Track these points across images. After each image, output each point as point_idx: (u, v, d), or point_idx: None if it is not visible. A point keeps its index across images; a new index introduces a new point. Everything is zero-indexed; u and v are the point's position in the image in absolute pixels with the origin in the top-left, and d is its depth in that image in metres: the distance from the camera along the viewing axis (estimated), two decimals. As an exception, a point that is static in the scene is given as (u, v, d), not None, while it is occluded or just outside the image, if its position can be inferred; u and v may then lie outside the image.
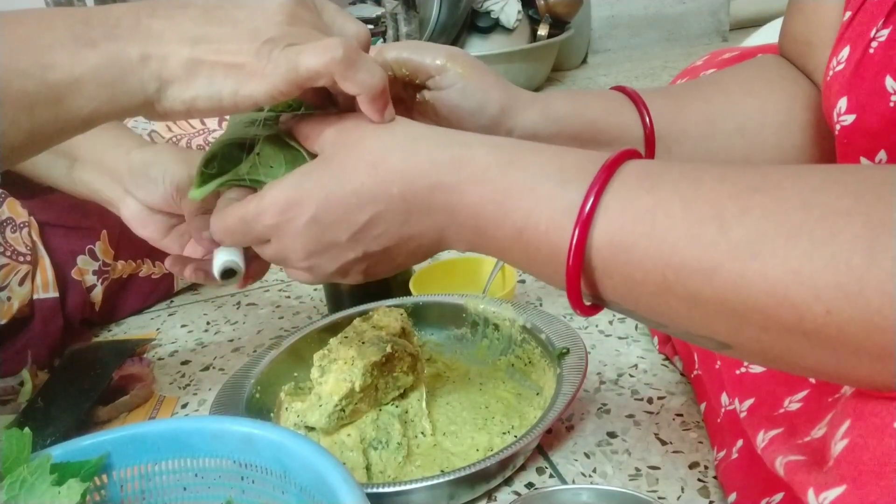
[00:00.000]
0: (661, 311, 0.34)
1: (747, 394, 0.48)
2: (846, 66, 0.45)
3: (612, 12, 2.31)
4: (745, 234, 0.30)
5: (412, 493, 0.49)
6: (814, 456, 0.33)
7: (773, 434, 0.40)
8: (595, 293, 0.36)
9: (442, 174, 0.39)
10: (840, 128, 0.45)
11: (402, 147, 0.40)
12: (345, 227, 0.41)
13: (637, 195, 0.34)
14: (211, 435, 0.43)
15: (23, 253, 0.74)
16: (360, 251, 0.42)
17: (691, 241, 0.31)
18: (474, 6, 1.90)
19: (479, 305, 0.68)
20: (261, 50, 0.39)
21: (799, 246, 0.28)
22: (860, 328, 0.27)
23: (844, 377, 0.31)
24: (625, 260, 0.34)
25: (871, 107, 0.43)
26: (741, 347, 0.33)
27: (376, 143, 0.40)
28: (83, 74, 0.39)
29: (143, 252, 0.89)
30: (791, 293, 0.28)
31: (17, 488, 0.38)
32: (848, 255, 0.27)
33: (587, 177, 0.35)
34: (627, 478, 0.53)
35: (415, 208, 0.40)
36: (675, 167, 0.35)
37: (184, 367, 0.76)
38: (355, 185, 0.40)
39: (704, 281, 0.31)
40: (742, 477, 0.46)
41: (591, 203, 0.34)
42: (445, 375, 0.67)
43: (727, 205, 0.31)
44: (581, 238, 0.34)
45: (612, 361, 0.68)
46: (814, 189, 0.29)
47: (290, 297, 0.90)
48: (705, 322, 0.33)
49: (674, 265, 0.32)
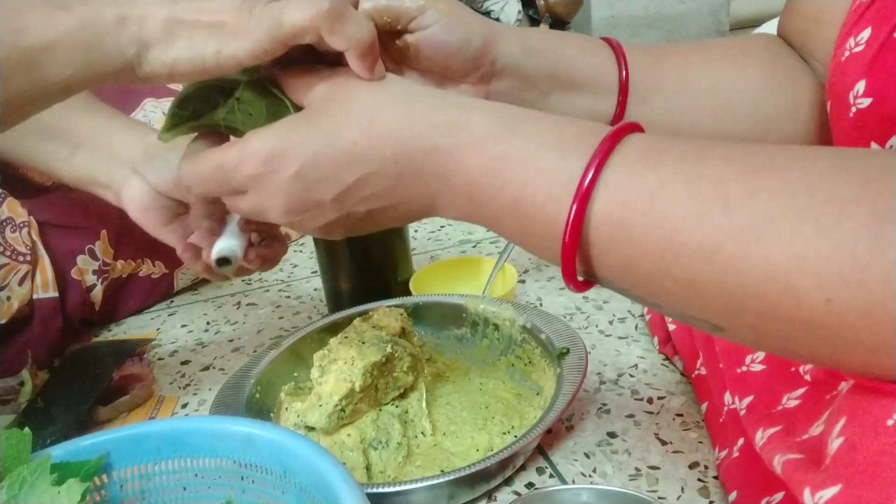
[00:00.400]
0: (656, 292, 0.34)
1: (747, 391, 0.48)
2: (866, 48, 0.44)
3: (612, 12, 2.32)
4: (750, 217, 0.29)
5: (412, 493, 0.49)
6: (811, 454, 0.33)
7: (772, 432, 0.40)
8: (589, 270, 0.35)
9: (437, 138, 0.37)
10: (856, 110, 0.45)
11: (397, 107, 0.39)
12: (331, 187, 0.39)
13: (639, 171, 0.33)
14: (211, 435, 0.43)
15: (22, 253, 0.74)
16: (345, 212, 0.40)
17: (694, 222, 0.31)
18: (474, 6, 1.91)
19: (479, 305, 0.68)
20: (242, 6, 0.38)
21: (804, 231, 0.28)
22: (860, 318, 0.27)
23: (838, 365, 0.30)
24: (624, 238, 0.33)
25: (892, 92, 0.43)
26: (735, 331, 0.32)
27: (370, 101, 0.39)
28: (57, 38, 0.38)
29: (144, 252, 0.89)
30: (793, 279, 0.28)
31: (17, 488, 0.38)
32: (853, 244, 0.27)
33: (588, 149, 0.34)
34: (627, 478, 0.53)
35: (406, 171, 0.38)
36: (679, 143, 0.34)
37: (184, 367, 0.76)
38: (346, 143, 0.38)
39: (705, 263, 0.30)
40: (742, 476, 0.46)
41: (590, 177, 0.33)
42: (445, 375, 0.67)
43: (732, 185, 0.30)
44: (579, 213, 0.33)
45: (612, 361, 0.68)
46: (821, 173, 0.29)
47: (290, 297, 0.90)
48: (701, 304, 0.32)
49: (674, 246, 0.31)
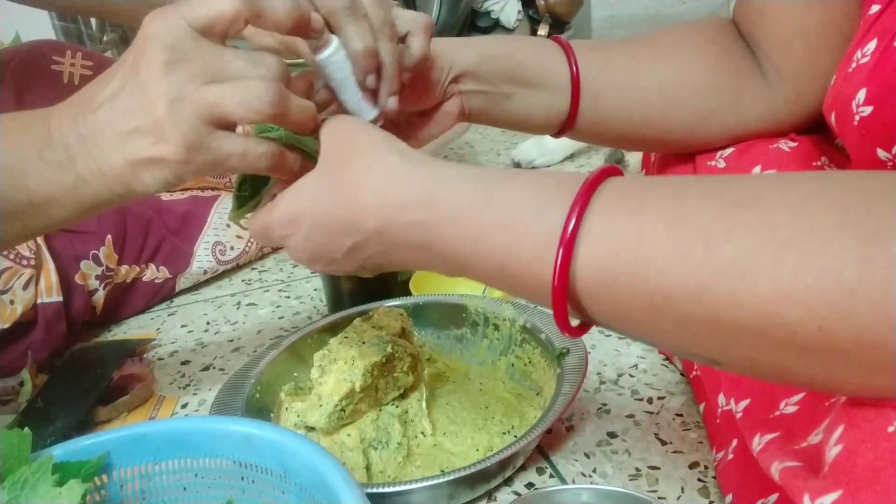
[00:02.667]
0: (651, 332, 0.34)
1: (744, 395, 0.48)
2: (871, 59, 0.45)
3: (612, 12, 2.31)
4: (733, 253, 0.29)
5: (412, 493, 0.49)
6: (809, 462, 0.33)
7: (770, 438, 0.40)
8: (584, 315, 0.36)
9: (416, 213, 0.39)
10: (859, 118, 0.46)
11: (378, 180, 0.40)
12: (335, 247, 0.42)
13: (619, 217, 0.33)
14: (211, 435, 0.43)
15: (27, 257, 0.74)
16: (357, 265, 0.43)
17: (678, 264, 0.31)
18: (474, 6, 1.91)
19: (479, 305, 0.68)
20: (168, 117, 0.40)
21: (788, 261, 0.28)
22: (853, 343, 0.27)
23: (835, 388, 0.31)
24: (611, 286, 0.33)
25: (889, 99, 0.43)
26: (732, 364, 0.32)
27: (353, 171, 0.41)
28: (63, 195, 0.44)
29: (147, 257, 0.89)
30: (783, 312, 0.28)
31: (18, 488, 0.38)
32: (839, 269, 0.26)
33: (567, 199, 0.34)
34: (627, 478, 0.53)
35: (393, 241, 0.40)
36: (658, 184, 0.34)
37: (184, 367, 0.76)
38: (335, 214, 0.41)
39: (694, 303, 0.30)
40: (737, 477, 0.46)
41: (572, 226, 0.33)
42: (445, 375, 0.67)
43: (712, 223, 0.30)
44: (564, 263, 0.33)
45: (612, 361, 0.68)
46: (801, 200, 0.29)
47: (290, 297, 0.90)
48: (696, 341, 0.32)
49: (661, 290, 0.31)
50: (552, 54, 0.59)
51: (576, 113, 0.60)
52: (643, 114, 0.60)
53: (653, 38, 0.62)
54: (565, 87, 0.59)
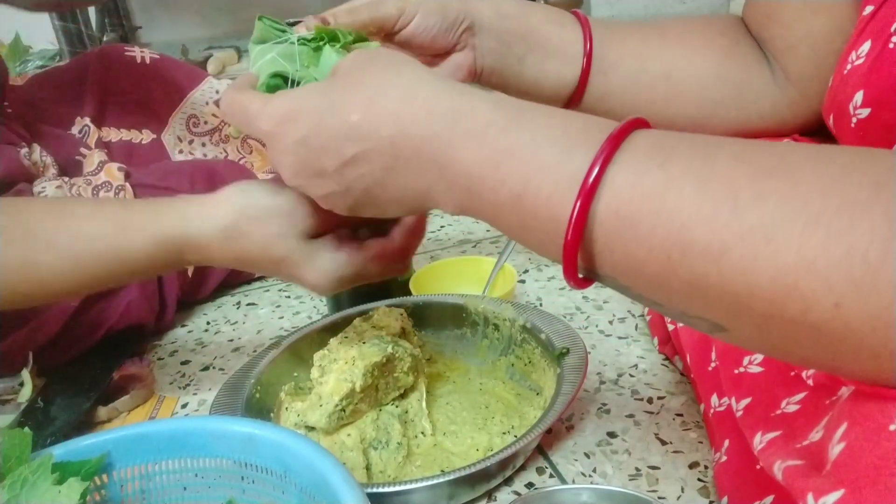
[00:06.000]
0: (659, 290, 0.33)
1: (745, 393, 0.47)
2: (866, 60, 0.45)
3: (612, 12, 2.31)
4: (760, 219, 0.29)
5: (412, 493, 0.49)
6: (812, 460, 0.33)
7: (771, 437, 0.40)
8: (591, 266, 0.35)
9: (437, 125, 0.37)
10: (856, 120, 0.46)
11: (402, 88, 0.39)
12: (331, 157, 0.40)
13: (647, 169, 0.32)
14: (211, 435, 0.43)
15: None
16: (344, 186, 0.41)
17: (703, 222, 0.30)
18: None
19: (479, 305, 0.68)
20: None
21: (815, 235, 0.27)
22: (867, 324, 0.27)
23: (837, 370, 0.30)
24: (629, 236, 0.32)
25: (887, 101, 0.43)
26: (738, 332, 0.32)
27: (376, 80, 0.39)
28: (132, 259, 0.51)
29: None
30: (801, 282, 0.28)
31: (18, 487, 0.38)
32: (865, 249, 0.26)
33: (593, 145, 0.33)
34: (627, 478, 0.53)
35: (402, 155, 0.38)
36: (687, 140, 0.33)
37: (184, 367, 0.76)
38: (346, 115, 0.39)
39: (712, 263, 0.30)
40: (731, 479, 0.46)
41: (595, 173, 0.32)
42: (445, 375, 0.67)
43: (743, 186, 0.30)
44: (583, 208, 0.33)
45: (612, 361, 0.68)
46: (833, 176, 0.28)
47: (290, 297, 0.90)
48: (705, 305, 0.32)
49: (681, 245, 0.31)
50: (568, 24, 0.61)
51: (584, 86, 0.61)
52: (648, 97, 0.61)
53: (664, 24, 0.63)
54: (577, 58, 0.60)
